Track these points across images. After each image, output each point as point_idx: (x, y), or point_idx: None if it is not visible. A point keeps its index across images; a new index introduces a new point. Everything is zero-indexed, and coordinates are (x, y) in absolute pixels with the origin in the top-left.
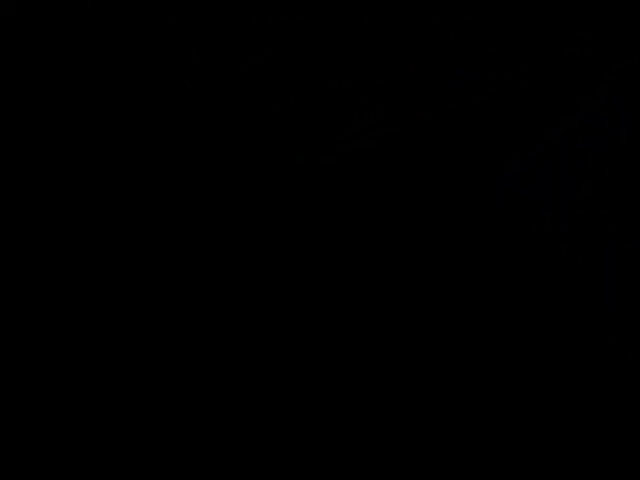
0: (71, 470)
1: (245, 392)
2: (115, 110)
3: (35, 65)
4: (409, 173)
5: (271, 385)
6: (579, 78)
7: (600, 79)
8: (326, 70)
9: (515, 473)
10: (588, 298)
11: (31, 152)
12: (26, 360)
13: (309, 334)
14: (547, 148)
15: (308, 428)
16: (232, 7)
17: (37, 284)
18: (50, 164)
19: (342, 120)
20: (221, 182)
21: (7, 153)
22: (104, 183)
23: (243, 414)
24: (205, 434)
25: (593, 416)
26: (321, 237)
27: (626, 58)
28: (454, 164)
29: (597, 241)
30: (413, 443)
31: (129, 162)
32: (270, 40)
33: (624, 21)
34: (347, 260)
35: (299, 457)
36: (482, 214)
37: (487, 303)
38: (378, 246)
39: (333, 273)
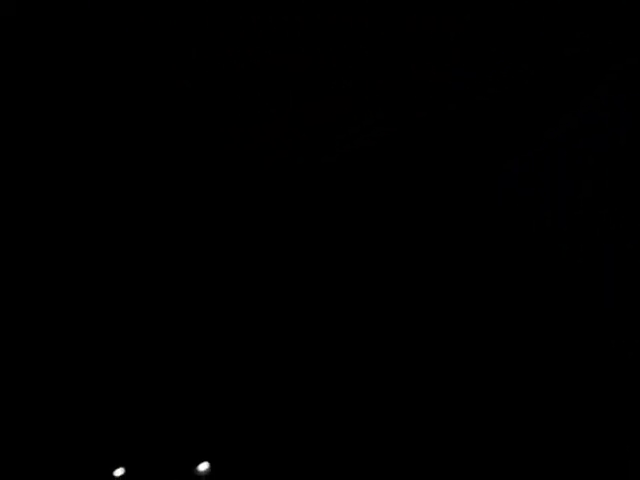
0: (71, 467)
1: (245, 391)
2: (115, 110)
3: (35, 65)
4: (409, 173)
5: (271, 383)
6: (579, 78)
7: (600, 79)
8: (326, 70)
9: (515, 473)
10: (588, 298)
11: (31, 152)
12: (26, 359)
13: (309, 332)
14: (547, 148)
15: (307, 427)
16: (232, 7)
17: (37, 284)
18: (50, 164)
19: (342, 120)
20: (221, 182)
21: (7, 153)
22: (104, 183)
23: (242, 413)
24: (204, 433)
25: (593, 416)
26: (321, 236)
27: (626, 58)
28: (454, 164)
29: (597, 241)
30: (413, 442)
31: (129, 162)
32: (270, 40)
33: (624, 21)
34: (347, 259)
35: (298, 456)
36: (482, 214)
37: (487, 302)
38: (378, 245)
39: (333, 272)
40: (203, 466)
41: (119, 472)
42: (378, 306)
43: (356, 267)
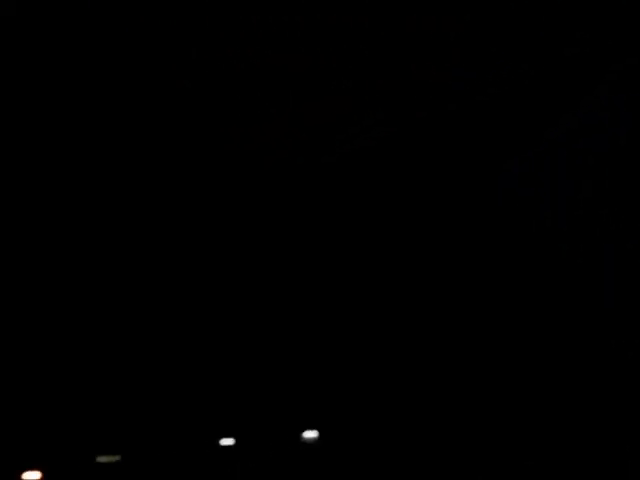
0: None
1: (244, 391)
2: (115, 110)
3: (35, 65)
4: (409, 173)
5: (270, 383)
6: (579, 78)
7: (600, 79)
8: (326, 70)
9: (515, 473)
10: (588, 298)
11: (31, 152)
12: (27, 359)
13: (308, 332)
14: (547, 148)
15: (305, 428)
16: (232, 7)
17: (37, 284)
18: (50, 164)
19: (342, 120)
20: (221, 182)
21: (7, 153)
22: (104, 183)
23: (241, 414)
24: (203, 432)
25: (593, 415)
26: (321, 236)
27: (626, 58)
28: (454, 164)
29: (597, 241)
30: (412, 443)
31: (129, 162)
32: (270, 40)
33: (624, 21)
34: (347, 259)
35: (295, 457)
36: (482, 214)
37: (487, 302)
38: (378, 245)
39: (333, 271)
40: (310, 434)
41: (227, 442)
42: (378, 305)
43: (356, 266)
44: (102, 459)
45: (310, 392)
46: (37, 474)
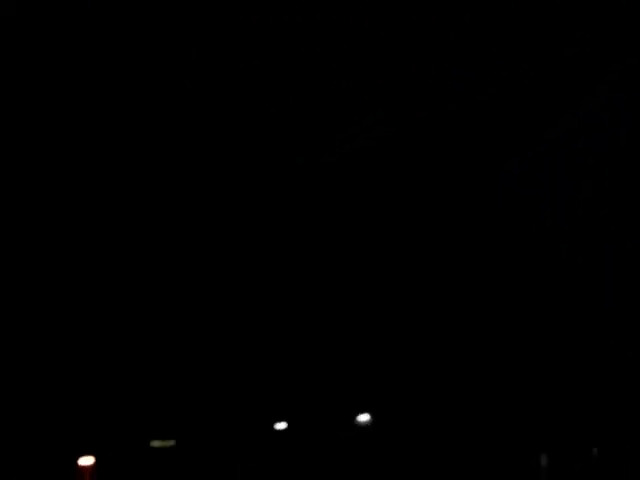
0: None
1: (243, 391)
2: (115, 110)
3: (35, 65)
4: (409, 173)
5: (269, 383)
6: (579, 78)
7: (600, 79)
8: (326, 70)
9: (515, 473)
10: (588, 298)
11: (31, 152)
12: (27, 359)
13: (308, 331)
14: (547, 148)
15: (304, 428)
16: (232, 7)
17: (37, 284)
18: (50, 164)
19: (342, 120)
20: (221, 182)
21: (7, 153)
22: (104, 183)
23: (240, 414)
24: (203, 433)
25: (593, 416)
26: (321, 236)
27: (626, 58)
28: (454, 164)
29: (597, 241)
30: (413, 447)
31: (129, 162)
32: (270, 40)
33: (624, 21)
34: (347, 259)
35: (294, 457)
36: (482, 214)
37: (487, 302)
38: (378, 245)
39: (333, 271)
40: (364, 417)
41: (281, 426)
42: (378, 305)
43: (356, 266)
44: (156, 444)
45: (363, 378)
46: (91, 459)
